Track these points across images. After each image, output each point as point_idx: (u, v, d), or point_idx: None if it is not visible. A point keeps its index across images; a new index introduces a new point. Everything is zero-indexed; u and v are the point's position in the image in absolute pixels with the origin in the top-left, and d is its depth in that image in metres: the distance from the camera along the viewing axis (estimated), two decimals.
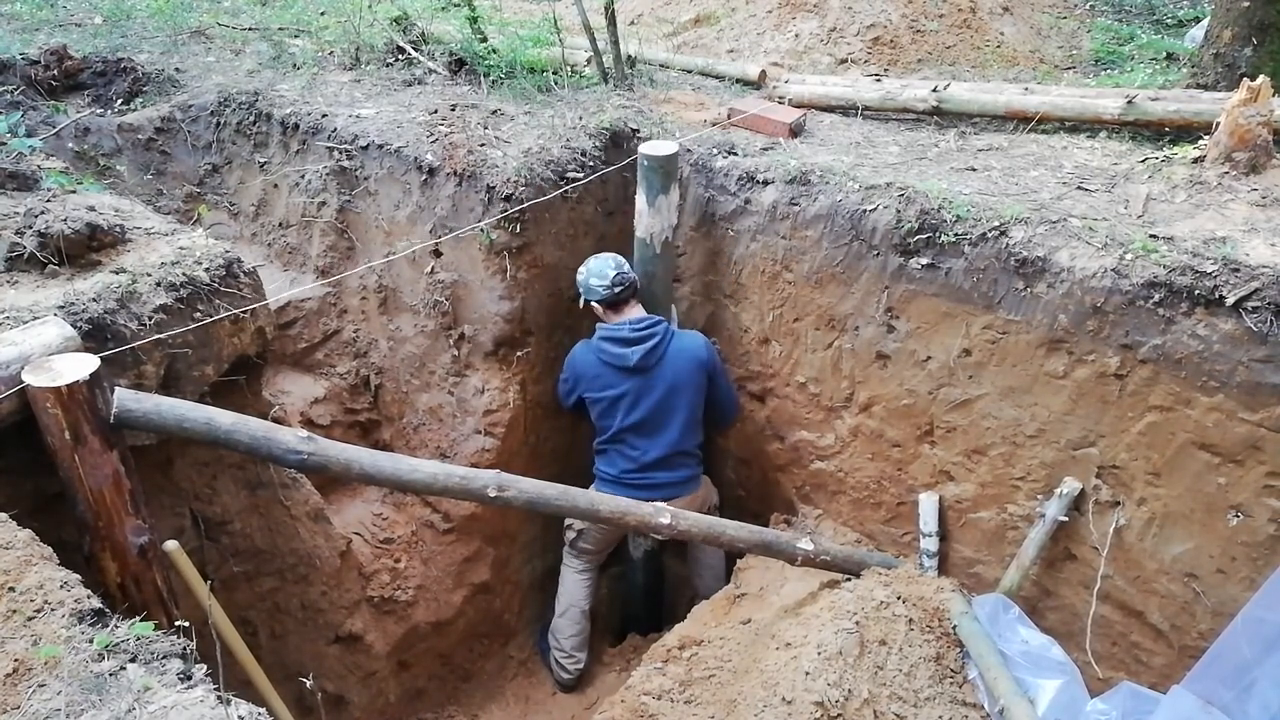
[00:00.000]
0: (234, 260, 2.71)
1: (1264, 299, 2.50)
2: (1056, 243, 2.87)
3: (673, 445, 3.61)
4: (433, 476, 2.62)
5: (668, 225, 3.53)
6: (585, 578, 3.98)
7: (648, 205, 3.48)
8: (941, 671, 3.11)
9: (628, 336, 3.51)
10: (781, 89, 4.24)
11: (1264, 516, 2.64)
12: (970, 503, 3.32)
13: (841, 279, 3.39)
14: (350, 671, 3.52)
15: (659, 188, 3.43)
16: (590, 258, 3.59)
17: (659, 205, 3.46)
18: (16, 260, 2.52)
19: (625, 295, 3.54)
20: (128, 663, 1.60)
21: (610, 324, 3.57)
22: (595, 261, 3.55)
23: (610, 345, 3.53)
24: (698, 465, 3.80)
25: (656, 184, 3.42)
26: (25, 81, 4.08)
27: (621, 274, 3.51)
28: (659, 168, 3.39)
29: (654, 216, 3.49)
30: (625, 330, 3.51)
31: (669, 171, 3.42)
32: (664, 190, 3.44)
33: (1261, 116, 3.02)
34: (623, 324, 3.53)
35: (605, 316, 3.60)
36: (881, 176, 3.32)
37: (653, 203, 3.46)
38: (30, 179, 2.91)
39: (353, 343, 4.08)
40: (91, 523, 2.27)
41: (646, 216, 3.51)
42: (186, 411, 2.35)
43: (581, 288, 3.58)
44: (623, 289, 3.51)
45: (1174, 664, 2.93)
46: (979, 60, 4.93)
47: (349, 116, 3.91)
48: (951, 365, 3.18)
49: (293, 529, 3.14)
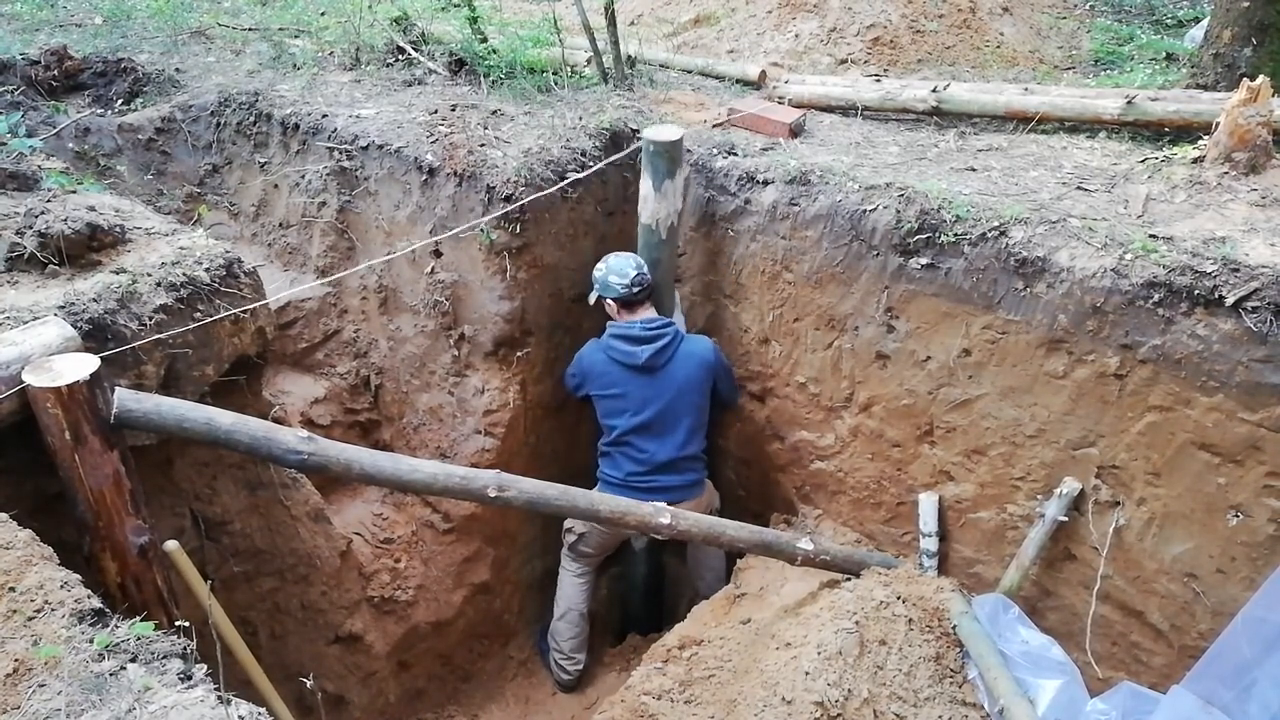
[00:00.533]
0: (234, 260, 2.71)
1: (1264, 299, 2.50)
2: (1056, 243, 2.87)
3: (679, 448, 3.62)
4: (433, 476, 2.62)
5: (673, 210, 3.50)
6: (583, 581, 3.98)
7: (653, 190, 3.44)
8: (941, 671, 3.11)
9: (639, 335, 3.51)
10: (781, 89, 4.24)
11: (1264, 516, 2.64)
12: (970, 503, 3.32)
13: (841, 279, 3.39)
14: (350, 671, 3.53)
15: (664, 173, 3.40)
16: (610, 255, 3.58)
17: (665, 190, 3.43)
18: (17, 260, 2.52)
19: (641, 296, 3.54)
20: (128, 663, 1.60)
21: (622, 322, 3.58)
22: (616, 259, 3.54)
23: (620, 343, 3.54)
24: (703, 469, 3.80)
25: (662, 169, 3.39)
26: (25, 81, 4.09)
27: (641, 274, 3.51)
28: (664, 153, 3.37)
29: (659, 202, 3.46)
30: (637, 329, 3.52)
31: (674, 157, 3.39)
32: (669, 175, 3.41)
33: (1261, 116, 3.02)
34: (634, 323, 3.54)
35: (618, 315, 3.59)
36: (881, 176, 3.32)
37: (658, 188, 3.43)
38: (30, 179, 2.91)
39: (353, 343, 4.08)
40: (91, 523, 2.27)
41: (652, 202, 3.47)
42: (186, 411, 2.35)
43: (598, 284, 3.57)
44: (641, 289, 3.51)
45: (1174, 664, 2.93)
46: (979, 60, 4.93)
47: (349, 117, 3.91)
48: (951, 365, 3.18)
49: (293, 529, 3.14)
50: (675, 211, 3.53)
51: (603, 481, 3.74)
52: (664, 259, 3.64)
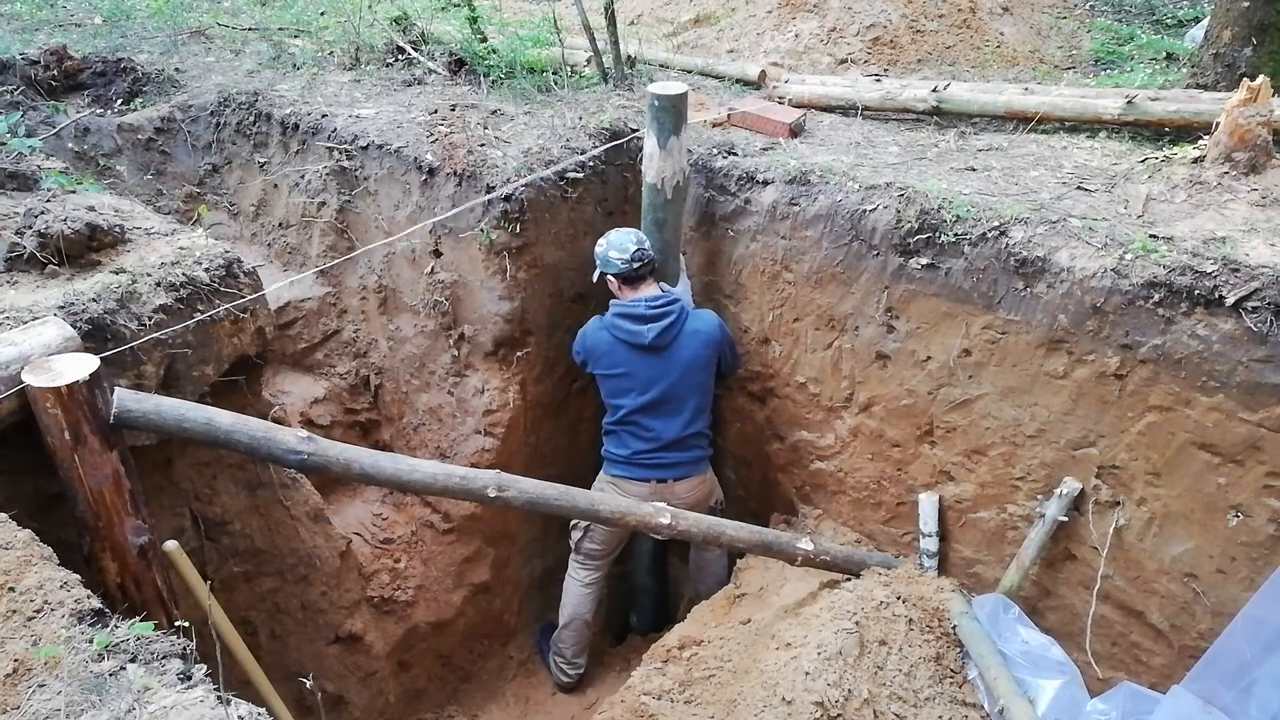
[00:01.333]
0: (234, 260, 2.71)
1: (1264, 299, 2.50)
2: (1056, 243, 2.87)
3: (686, 426, 3.55)
4: (433, 476, 2.62)
5: (679, 169, 3.41)
6: (591, 591, 3.91)
7: (658, 148, 3.35)
8: (941, 671, 3.11)
9: (644, 313, 3.43)
10: (781, 89, 4.24)
11: (1264, 516, 2.64)
12: (970, 503, 3.32)
13: (841, 279, 3.39)
14: (350, 671, 3.52)
15: (670, 129, 3.31)
16: (611, 231, 3.49)
17: (670, 147, 3.34)
18: (16, 260, 2.52)
19: (643, 272, 3.43)
20: (128, 663, 1.60)
21: (625, 300, 3.51)
22: (616, 235, 3.44)
23: (625, 321, 3.45)
24: (708, 446, 3.74)
25: (668, 125, 3.30)
26: (25, 81, 4.09)
27: (642, 249, 3.41)
28: (670, 107, 3.27)
29: (665, 159, 3.37)
30: (642, 306, 3.42)
31: (680, 110, 3.30)
32: (675, 131, 3.32)
33: (1261, 116, 3.01)
34: (639, 300, 3.46)
35: (620, 292, 3.50)
36: (881, 176, 3.32)
37: (664, 144, 3.33)
38: (30, 179, 2.91)
39: (353, 343, 4.08)
40: (91, 523, 2.27)
41: (657, 159, 3.38)
42: (186, 411, 2.35)
43: (599, 260, 3.47)
44: (642, 264, 3.41)
45: (1174, 664, 2.93)
46: (979, 60, 4.93)
47: (349, 116, 3.91)
48: (951, 365, 3.18)
49: (293, 529, 3.14)
50: (681, 170, 3.43)
51: (608, 460, 3.69)
52: (670, 220, 3.53)
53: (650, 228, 3.54)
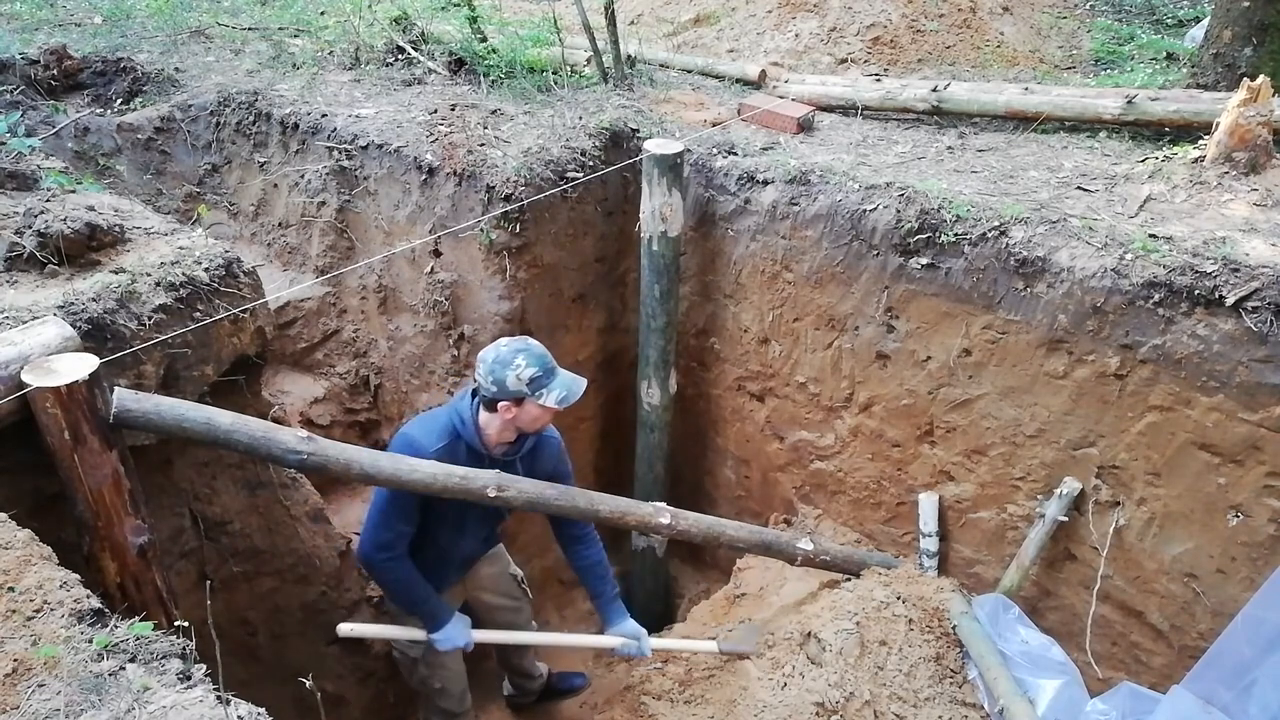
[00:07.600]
0: (234, 260, 2.70)
1: (1264, 299, 2.50)
2: (1056, 243, 2.87)
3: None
4: (432, 476, 2.61)
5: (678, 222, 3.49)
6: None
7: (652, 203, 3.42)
8: (941, 671, 3.11)
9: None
10: (781, 89, 4.24)
11: (1264, 516, 2.64)
12: (970, 503, 3.32)
13: (841, 279, 3.38)
14: (350, 671, 3.52)
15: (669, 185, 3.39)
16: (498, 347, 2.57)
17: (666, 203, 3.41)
18: (16, 260, 2.52)
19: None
20: (127, 663, 1.60)
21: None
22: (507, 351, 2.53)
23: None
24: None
25: (666, 179, 3.38)
26: (25, 81, 4.08)
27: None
28: (670, 167, 3.35)
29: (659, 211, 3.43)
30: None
31: (677, 170, 3.37)
32: (672, 187, 3.39)
33: (1261, 116, 3.02)
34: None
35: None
36: (881, 176, 3.32)
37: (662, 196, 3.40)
38: (30, 179, 2.91)
39: (352, 343, 4.08)
40: (91, 523, 2.26)
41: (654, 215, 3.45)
42: (186, 411, 2.34)
43: (497, 384, 2.51)
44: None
45: (1174, 664, 2.93)
46: (979, 60, 4.93)
47: (349, 116, 3.90)
48: (951, 365, 3.18)
49: (292, 529, 3.13)
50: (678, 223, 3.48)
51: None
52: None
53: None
